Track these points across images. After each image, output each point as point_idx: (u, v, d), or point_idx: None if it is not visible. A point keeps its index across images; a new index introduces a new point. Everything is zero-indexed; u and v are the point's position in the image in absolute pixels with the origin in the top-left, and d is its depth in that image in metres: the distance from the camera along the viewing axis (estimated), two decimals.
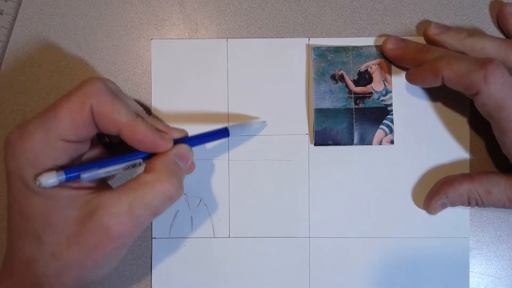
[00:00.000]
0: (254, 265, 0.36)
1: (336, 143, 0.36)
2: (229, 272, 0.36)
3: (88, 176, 0.27)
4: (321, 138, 0.36)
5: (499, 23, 0.36)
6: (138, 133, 0.28)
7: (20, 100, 0.37)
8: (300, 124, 0.36)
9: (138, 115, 0.29)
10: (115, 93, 0.29)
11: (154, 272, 0.36)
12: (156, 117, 0.35)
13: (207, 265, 0.36)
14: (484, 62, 0.30)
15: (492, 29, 0.37)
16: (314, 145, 0.36)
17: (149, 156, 0.30)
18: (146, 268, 0.36)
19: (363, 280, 0.36)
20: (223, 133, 0.33)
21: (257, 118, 0.36)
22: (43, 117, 0.27)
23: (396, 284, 0.36)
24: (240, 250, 0.36)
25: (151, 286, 0.36)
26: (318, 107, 0.36)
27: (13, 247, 0.29)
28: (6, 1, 0.37)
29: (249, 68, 0.37)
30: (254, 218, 0.36)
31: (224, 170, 0.36)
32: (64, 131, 0.27)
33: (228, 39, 0.37)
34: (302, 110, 0.36)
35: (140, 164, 0.30)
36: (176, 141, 0.30)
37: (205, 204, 0.36)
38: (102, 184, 0.31)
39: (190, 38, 0.37)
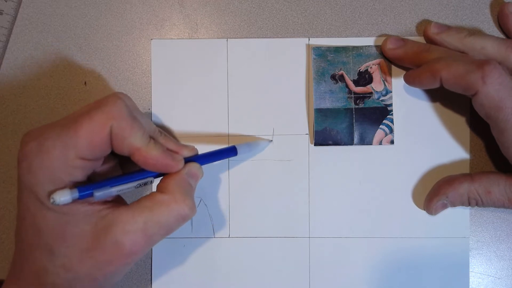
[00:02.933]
0: (254, 265, 0.36)
1: (336, 143, 0.36)
2: (229, 272, 0.36)
3: (101, 194, 0.28)
4: (321, 138, 0.36)
5: (500, 23, 0.36)
6: (150, 158, 0.29)
7: (20, 100, 0.37)
8: (300, 124, 0.36)
9: (151, 137, 0.30)
10: (134, 115, 0.29)
11: (154, 272, 0.36)
12: (167, 135, 0.35)
13: (207, 265, 0.36)
14: (482, 63, 0.30)
15: (492, 29, 0.37)
16: (314, 145, 0.36)
17: (160, 174, 0.30)
18: (146, 268, 0.36)
19: (363, 280, 0.36)
20: (231, 152, 0.34)
21: (262, 138, 0.36)
22: (61, 133, 0.27)
23: (396, 284, 0.36)
24: (240, 250, 0.36)
25: (151, 286, 0.36)
26: (318, 107, 0.36)
27: (23, 257, 0.28)
28: (6, 1, 0.37)
29: (249, 68, 0.37)
30: (254, 218, 0.36)
31: (224, 170, 0.36)
32: (82, 149, 0.27)
33: (228, 39, 0.37)
34: (302, 110, 0.36)
35: (151, 182, 0.30)
36: (186, 159, 0.31)
37: (205, 204, 0.36)
38: (116, 199, 0.31)
39: (190, 38, 0.37)
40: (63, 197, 0.26)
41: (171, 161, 0.29)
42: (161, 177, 0.30)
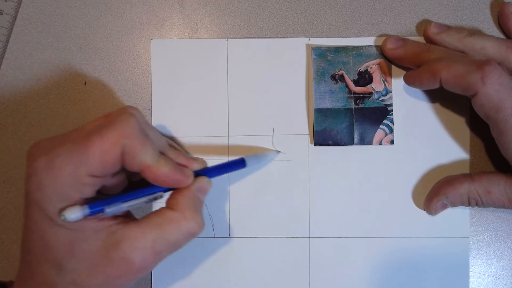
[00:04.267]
0: (254, 265, 0.36)
1: (336, 143, 0.36)
2: (229, 272, 0.36)
3: (112, 210, 0.28)
4: (321, 138, 0.36)
5: (500, 23, 0.36)
6: (160, 175, 0.29)
7: (20, 100, 0.37)
8: (300, 124, 0.36)
9: (161, 152, 0.30)
10: (145, 132, 0.29)
11: (154, 272, 0.36)
12: (176, 147, 0.35)
13: (207, 265, 0.36)
14: (482, 63, 0.30)
15: (492, 29, 0.37)
16: (314, 145, 0.36)
17: (170, 188, 0.30)
18: None
19: (363, 280, 0.36)
20: (240, 164, 0.34)
21: (269, 149, 0.36)
22: (72, 151, 0.27)
23: (396, 284, 0.36)
24: (240, 250, 0.36)
25: (151, 286, 0.36)
26: (318, 107, 0.36)
27: (30, 269, 0.28)
28: (6, 1, 0.37)
29: (249, 68, 0.37)
30: (254, 218, 0.36)
31: None
32: (93, 167, 0.27)
33: (228, 39, 0.37)
34: (302, 110, 0.36)
35: (161, 196, 0.30)
36: (196, 172, 0.31)
37: (205, 204, 0.36)
38: (125, 214, 0.31)
39: (190, 38, 0.37)
40: (74, 214, 0.26)
41: (181, 177, 0.30)
42: (171, 191, 0.30)
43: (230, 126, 0.36)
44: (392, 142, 0.36)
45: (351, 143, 0.36)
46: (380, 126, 0.36)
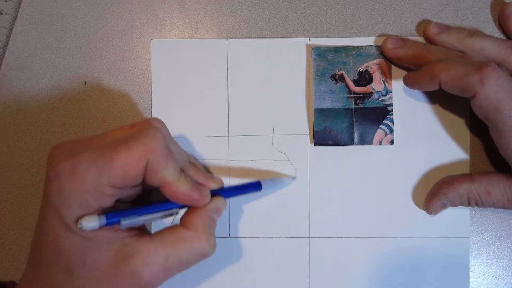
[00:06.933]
0: (254, 265, 0.36)
1: (336, 143, 0.36)
2: (229, 272, 0.36)
3: (128, 223, 0.28)
4: (321, 138, 0.36)
5: (500, 23, 0.36)
6: (179, 193, 0.29)
7: (20, 100, 0.37)
8: (300, 124, 0.36)
9: (181, 169, 0.30)
10: (169, 148, 0.29)
11: None
12: (197, 164, 0.34)
13: (206, 265, 0.36)
14: (481, 65, 0.30)
15: (492, 29, 0.37)
16: (314, 145, 0.36)
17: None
18: None
19: (363, 280, 0.36)
20: (256, 187, 0.34)
21: (285, 175, 0.36)
22: (97, 160, 0.27)
23: (396, 284, 0.36)
24: (240, 250, 0.36)
25: None
26: (318, 107, 0.36)
27: (40, 270, 0.28)
28: (6, 1, 0.37)
29: (249, 68, 0.36)
30: (254, 218, 0.36)
31: (224, 171, 0.36)
32: (115, 179, 0.27)
33: (228, 39, 0.37)
34: (302, 110, 0.36)
35: (177, 213, 0.31)
36: (212, 192, 0.31)
37: None
38: (140, 227, 0.31)
39: (190, 38, 0.37)
40: (91, 223, 0.27)
41: (198, 196, 0.30)
42: (186, 207, 0.31)
43: (230, 126, 0.36)
44: (392, 142, 0.36)
45: (351, 143, 0.36)
46: (380, 126, 0.36)
